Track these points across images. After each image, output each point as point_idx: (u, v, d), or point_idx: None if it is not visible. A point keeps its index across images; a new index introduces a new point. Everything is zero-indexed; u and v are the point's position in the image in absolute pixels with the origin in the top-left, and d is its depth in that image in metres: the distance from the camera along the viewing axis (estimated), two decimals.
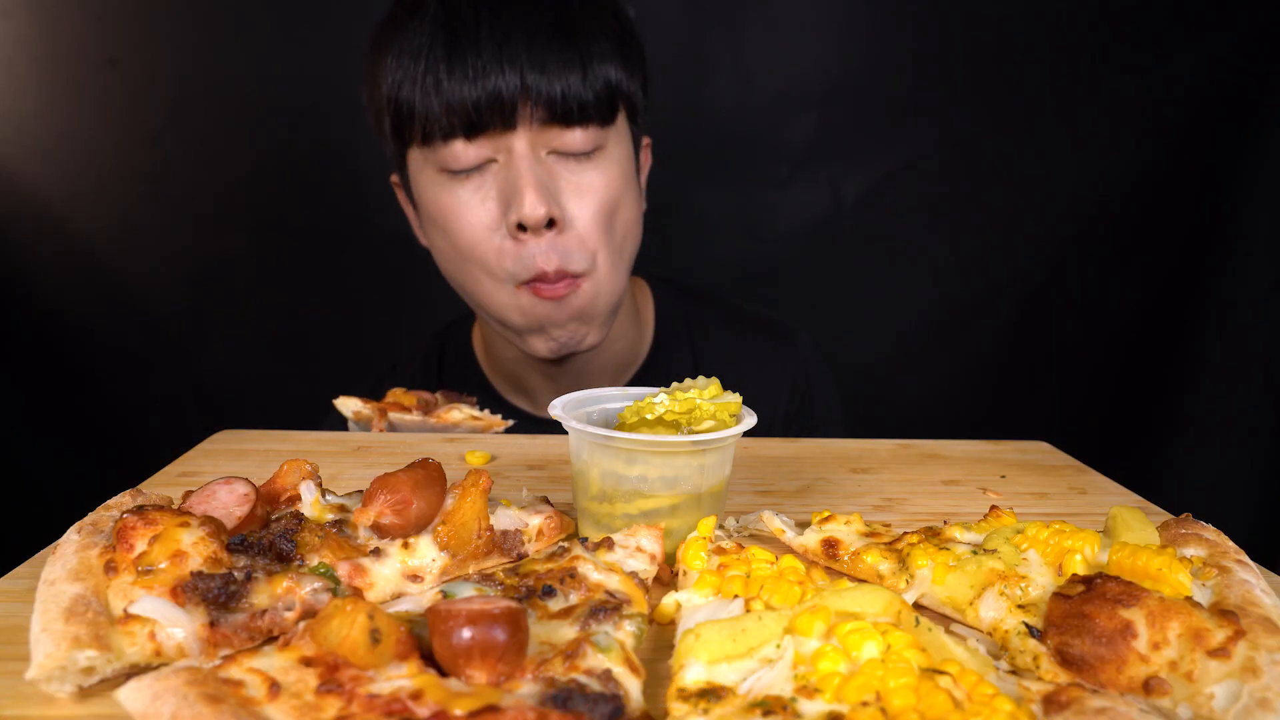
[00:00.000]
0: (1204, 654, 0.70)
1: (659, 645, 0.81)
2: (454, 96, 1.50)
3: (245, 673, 0.66)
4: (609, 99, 1.59)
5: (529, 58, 1.50)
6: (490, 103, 1.50)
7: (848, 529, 1.01)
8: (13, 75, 2.63)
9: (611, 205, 1.63)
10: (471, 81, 1.49)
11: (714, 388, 1.03)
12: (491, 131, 1.53)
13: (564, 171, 1.58)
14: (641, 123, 1.76)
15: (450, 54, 1.50)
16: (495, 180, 1.57)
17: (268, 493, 0.93)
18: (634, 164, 1.73)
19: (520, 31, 1.51)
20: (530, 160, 1.54)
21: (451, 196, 1.59)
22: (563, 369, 1.83)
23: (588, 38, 1.56)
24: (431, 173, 1.60)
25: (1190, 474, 2.95)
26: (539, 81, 1.50)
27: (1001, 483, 1.31)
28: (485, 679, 0.66)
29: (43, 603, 0.74)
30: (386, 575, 0.87)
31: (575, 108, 1.53)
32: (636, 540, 0.93)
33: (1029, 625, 0.80)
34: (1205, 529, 0.96)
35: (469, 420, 1.54)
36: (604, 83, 1.56)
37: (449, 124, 1.52)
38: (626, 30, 1.67)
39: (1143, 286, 2.99)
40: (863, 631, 0.70)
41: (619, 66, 1.59)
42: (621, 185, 1.65)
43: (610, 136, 1.62)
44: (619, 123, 1.65)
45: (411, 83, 1.53)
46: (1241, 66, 2.75)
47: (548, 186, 1.55)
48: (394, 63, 1.55)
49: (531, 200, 1.51)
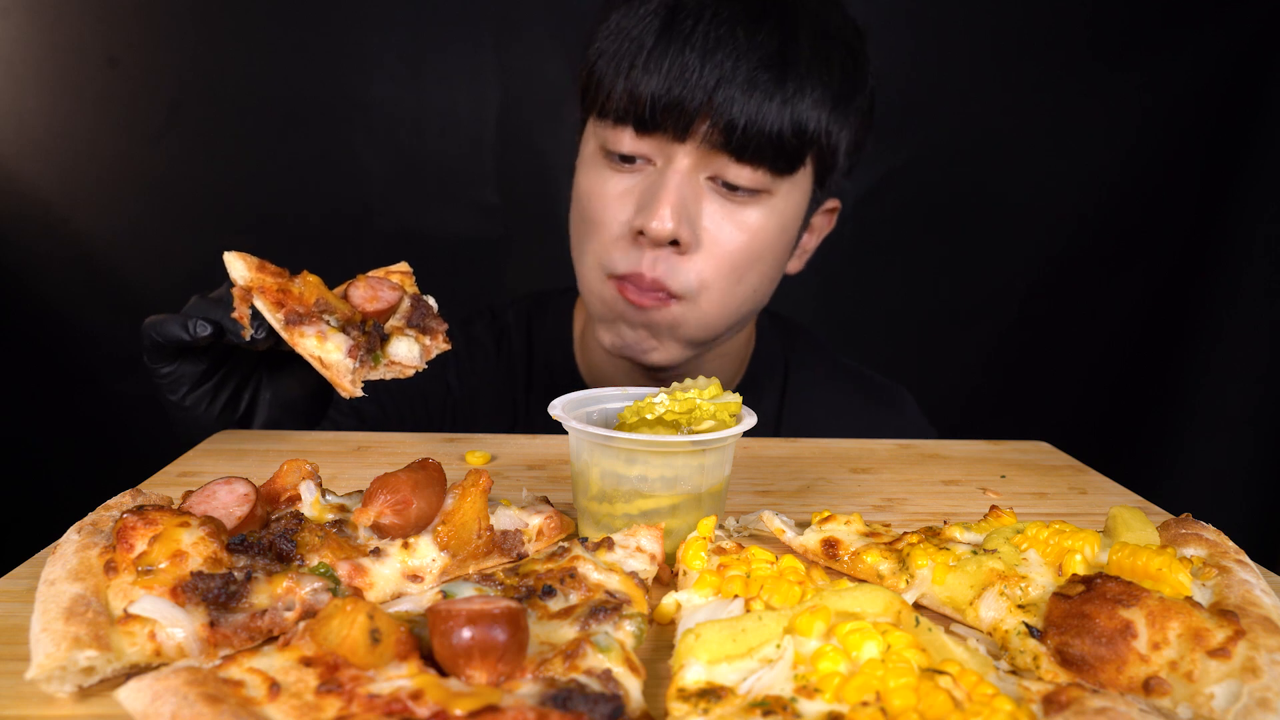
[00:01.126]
0: (1204, 654, 0.70)
1: (659, 645, 0.81)
2: (639, 87, 1.44)
3: (245, 673, 0.66)
4: (796, 147, 1.47)
5: (730, 73, 1.41)
6: (670, 105, 1.43)
7: (848, 529, 1.01)
8: (13, 75, 2.63)
9: (752, 254, 1.53)
10: (662, 76, 1.42)
11: (714, 388, 1.03)
12: (661, 135, 1.46)
13: (716, 201, 1.50)
14: (833, 185, 1.65)
15: (656, 42, 1.44)
16: (643, 181, 1.51)
17: (268, 493, 0.93)
18: (800, 220, 1.62)
19: (734, 45, 1.42)
20: (683, 178, 1.47)
21: (600, 180, 1.55)
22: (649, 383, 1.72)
23: (803, 74, 1.44)
24: (595, 147, 1.57)
25: (1190, 474, 2.95)
26: (728, 101, 1.41)
27: (1001, 483, 1.31)
28: (485, 679, 0.66)
29: (43, 603, 0.74)
30: (386, 575, 0.87)
31: (754, 143, 1.43)
32: (636, 540, 0.93)
33: (1029, 625, 0.80)
34: (1205, 529, 0.96)
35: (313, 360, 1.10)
36: (797, 127, 1.45)
37: (626, 110, 1.46)
38: (856, 84, 1.55)
39: (1142, 286, 2.99)
40: (863, 631, 0.70)
41: (825, 115, 1.48)
42: (772, 240, 1.55)
43: (782, 186, 1.51)
44: (799, 175, 1.53)
45: (611, 55, 1.48)
46: (1240, 65, 2.75)
47: (688, 208, 1.48)
48: (609, 31, 1.50)
49: (663, 214, 1.45)
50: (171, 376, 1.38)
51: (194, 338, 1.28)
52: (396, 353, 1.16)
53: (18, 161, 2.67)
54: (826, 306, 2.99)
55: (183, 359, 1.37)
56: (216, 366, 1.40)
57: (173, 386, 1.40)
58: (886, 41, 2.83)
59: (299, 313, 1.10)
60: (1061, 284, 3.01)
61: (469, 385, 1.90)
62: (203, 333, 1.27)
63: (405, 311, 1.21)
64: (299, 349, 1.09)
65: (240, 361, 1.43)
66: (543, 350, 1.93)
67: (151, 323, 1.33)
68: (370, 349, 1.12)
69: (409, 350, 1.17)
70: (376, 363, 1.14)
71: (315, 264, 1.31)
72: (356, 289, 1.18)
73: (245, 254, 1.14)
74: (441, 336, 1.21)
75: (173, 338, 1.30)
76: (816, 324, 2.23)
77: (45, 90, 2.67)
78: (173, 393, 1.41)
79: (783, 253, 1.62)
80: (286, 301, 1.10)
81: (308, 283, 1.14)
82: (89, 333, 2.77)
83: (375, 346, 1.13)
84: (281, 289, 1.11)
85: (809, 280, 3.01)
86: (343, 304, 1.14)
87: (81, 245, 2.74)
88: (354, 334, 1.11)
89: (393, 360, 1.16)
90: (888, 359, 2.97)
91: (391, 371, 1.16)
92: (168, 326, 1.30)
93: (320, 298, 1.12)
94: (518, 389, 1.92)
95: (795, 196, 1.55)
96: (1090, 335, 3.05)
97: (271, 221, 2.83)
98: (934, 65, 2.82)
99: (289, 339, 1.09)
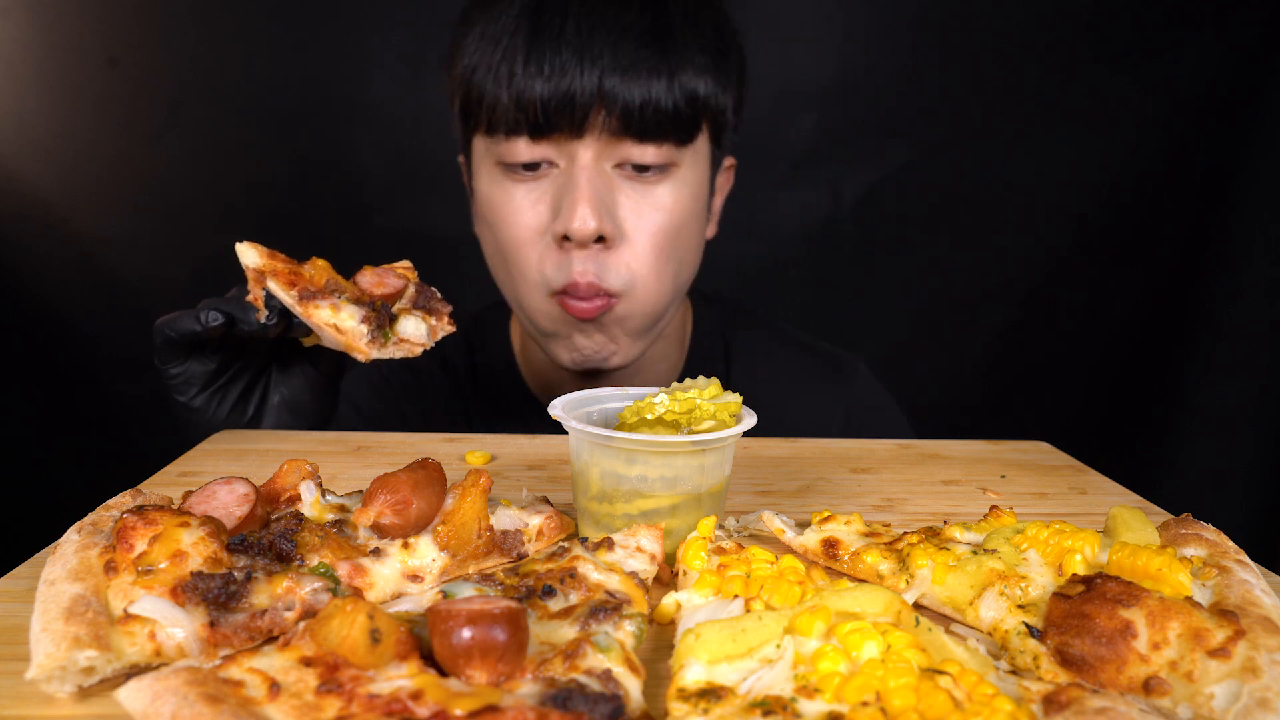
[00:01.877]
0: (1204, 654, 0.70)
1: (659, 645, 0.81)
2: (525, 92, 1.42)
3: (245, 673, 0.66)
4: (691, 116, 1.48)
5: (611, 60, 1.40)
6: (562, 104, 1.41)
7: (848, 529, 1.01)
8: (13, 75, 2.64)
9: (673, 229, 1.54)
10: (546, 78, 1.41)
11: (714, 388, 1.03)
12: (558, 135, 1.45)
13: (627, 187, 1.50)
14: (726, 143, 1.66)
15: (530, 45, 1.42)
16: (551, 185, 1.50)
17: (268, 493, 0.93)
18: (708, 186, 1.63)
19: (608, 31, 1.42)
20: (591, 171, 1.46)
21: (504, 194, 1.53)
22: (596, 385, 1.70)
23: (680, 46, 1.45)
24: (490, 164, 1.54)
25: (1190, 473, 2.95)
26: (618, 87, 1.41)
27: (1001, 483, 1.31)
28: (485, 679, 0.66)
29: (42, 603, 0.74)
30: (386, 575, 0.87)
31: (653, 121, 1.44)
32: (636, 540, 0.93)
33: (1029, 625, 0.80)
34: (1205, 529, 0.96)
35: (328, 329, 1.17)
36: (689, 97, 1.46)
37: (515, 120, 1.44)
38: (726, 41, 1.56)
39: (1142, 286, 2.99)
40: (863, 631, 0.70)
41: (710, 80, 1.49)
42: (689, 209, 1.55)
43: (686, 156, 1.52)
44: (699, 142, 1.54)
45: (486, 69, 1.45)
46: (1241, 66, 2.75)
47: (604, 200, 1.47)
48: (474, 44, 1.48)
49: (583, 214, 1.43)
50: (182, 377, 1.38)
51: (205, 327, 1.28)
52: (405, 330, 1.20)
53: (18, 161, 2.68)
54: (825, 306, 2.99)
55: (193, 357, 1.36)
56: (226, 365, 1.40)
57: (182, 387, 1.39)
58: (888, 43, 2.85)
59: (311, 290, 1.17)
60: (1062, 284, 3.01)
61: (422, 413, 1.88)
62: (215, 322, 1.27)
63: (411, 296, 1.25)
64: (314, 320, 1.15)
65: (250, 362, 1.43)
66: (487, 370, 1.93)
67: (164, 320, 1.34)
68: (380, 326, 1.17)
69: (416, 328, 1.21)
70: (386, 340, 1.18)
71: None
72: (364, 276, 1.23)
73: (256, 243, 1.20)
74: (447, 318, 1.24)
75: (185, 330, 1.30)
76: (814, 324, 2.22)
77: (45, 90, 2.67)
78: (182, 394, 1.40)
79: (700, 220, 1.63)
80: (299, 282, 1.17)
81: (317, 266, 1.20)
82: (89, 333, 2.77)
83: (385, 324, 1.17)
84: (293, 272, 1.18)
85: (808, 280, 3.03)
86: (351, 286, 1.20)
87: (81, 245, 2.74)
88: (365, 313, 1.17)
89: (402, 338, 1.20)
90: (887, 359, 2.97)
91: (401, 350, 1.20)
92: (180, 320, 1.31)
93: (330, 278, 1.18)
94: (471, 410, 1.91)
95: (700, 163, 1.57)
96: (1090, 335, 3.05)
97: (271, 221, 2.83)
98: (935, 67, 2.83)
99: (303, 313, 1.16)
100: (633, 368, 1.72)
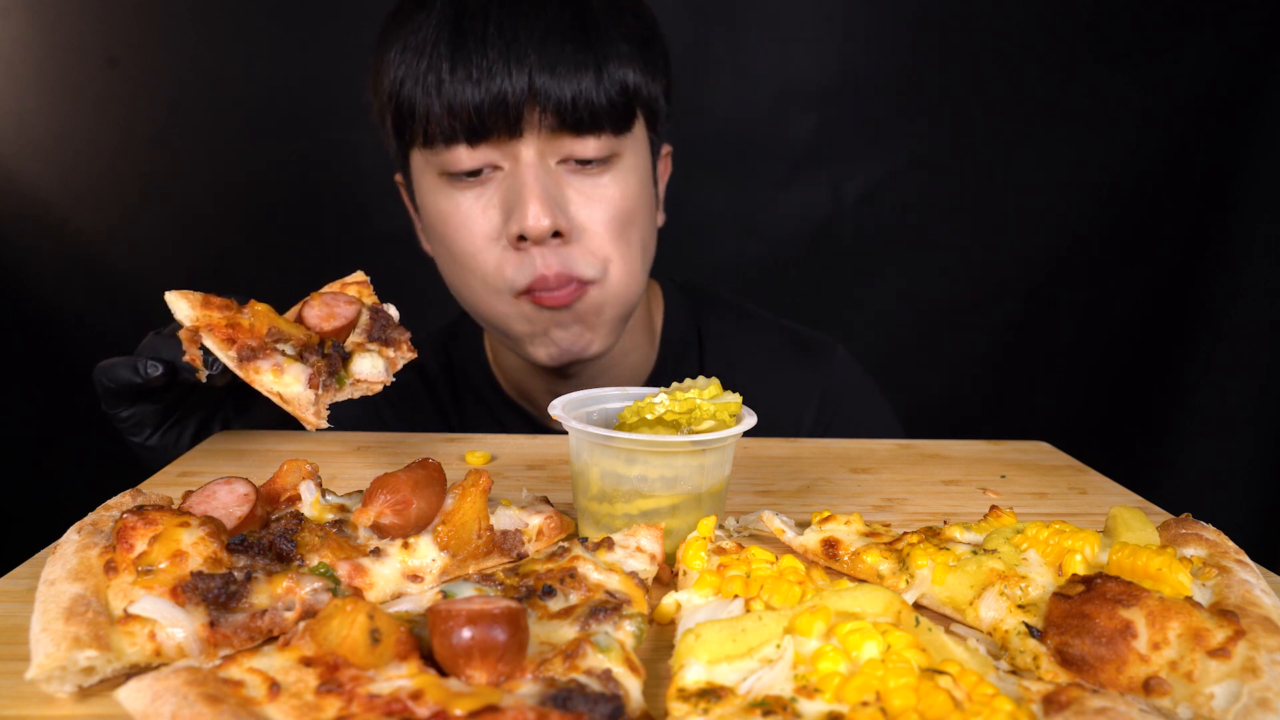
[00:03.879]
0: (1204, 654, 0.70)
1: (659, 645, 0.81)
2: (456, 98, 1.41)
3: (245, 673, 0.66)
4: (625, 105, 1.48)
5: (539, 59, 1.40)
6: (494, 107, 1.41)
7: (848, 529, 1.01)
8: (13, 75, 2.64)
9: (626, 216, 1.54)
10: (475, 83, 1.40)
11: (714, 388, 1.03)
12: (496, 138, 1.44)
13: (574, 181, 1.50)
14: (662, 130, 1.66)
15: (455, 51, 1.41)
16: (499, 188, 1.49)
17: (268, 493, 0.93)
18: (651, 174, 1.64)
19: (531, 30, 1.41)
20: (537, 169, 1.46)
21: (451, 203, 1.51)
22: (569, 382, 1.73)
23: (605, 38, 1.45)
24: (432, 177, 1.53)
25: (1190, 473, 2.95)
26: (549, 85, 1.40)
27: (1001, 483, 1.31)
28: (485, 679, 0.66)
29: (43, 603, 0.74)
30: (386, 575, 0.87)
31: (587, 115, 1.44)
32: (636, 540, 0.93)
33: (1029, 625, 0.80)
34: (1205, 529, 0.96)
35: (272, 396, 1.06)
36: (620, 87, 1.46)
37: (451, 127, 1.44)
38: (649, 30, 1.57)
39: (1143, 286, 2.99)
40: (863, 631, 0.70)
41: (638, 70, 1.50)
42: (637, 196, 1.56)
43: (626, 145, 1.53)
44: (636, 130, 1.55)
45: (413, 80, 1.45)
46: (1241, 66, 2.76)
47: (554, 197, 1.47)
48: (397, 57, 1.47)
49: (535, 211, 1.43)
50: (133, 420, 1.34)
51: (146, 379, 1.22)
52: (361, 370, 1.13)
53: (18, 161, 2.68)
54: (825, 306, 2.99)
55: (141, 401, 1.32)
56: (178, 403, 1.36)
57: (135, 429, 1.36)
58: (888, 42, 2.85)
59: (251, 347, 1.05)
60: (1061, 284, 3.01)
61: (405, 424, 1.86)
62: (154, 373, 1.22)
63: (365, 325, 1.17)
64: (256, 386, 1.05)
65: (204, 396, 1.39)
66: (464, 379, 1.92)
67: (102, 368, 1.28)
68: (333, 371, 1.09)
69: (373, 366, 1.13)
70: (341, 384, 1.11)
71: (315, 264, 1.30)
72: (311, 309, 1.14)
73: (187, 291, 1.09)
74: (405, 345, 1.18)
75: (124, 382, 1.25)
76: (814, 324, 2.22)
77: (45, 90, 2.67)
78: (136, 435, 1.37)
79: (650, 206, 1.64)
80: (237, 336, 1.05)
81: (256, 312, 1.08)
82: (88, 333, 2.77)
83: (338, 368, 1.10)
84: (230, 323, 1.06)
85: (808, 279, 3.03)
86: (297, 329, 1.09)
87: (81, 245, 2.74)
88: (313, 360, 1.07)
89: (358, 379, 1.13)
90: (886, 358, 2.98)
91: (359, 390, 1.13)
92: (118, 371, 1.25)
93: (272, 326, 1.07)
94: (451, 421, 1.91)
95: (640, 149, 1.58)
96: (1090, 335, 3.05)
97: (271, 222, 2.83)
98: (934, 66, 2.83)
99: (245, 377, 1.05)
100: (605, 361, 1.73)
